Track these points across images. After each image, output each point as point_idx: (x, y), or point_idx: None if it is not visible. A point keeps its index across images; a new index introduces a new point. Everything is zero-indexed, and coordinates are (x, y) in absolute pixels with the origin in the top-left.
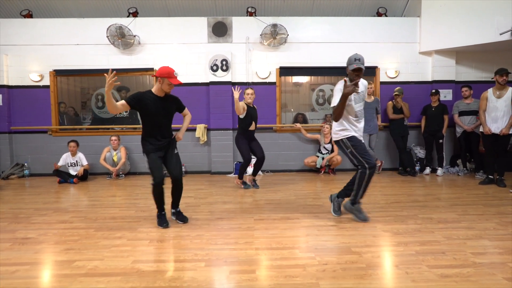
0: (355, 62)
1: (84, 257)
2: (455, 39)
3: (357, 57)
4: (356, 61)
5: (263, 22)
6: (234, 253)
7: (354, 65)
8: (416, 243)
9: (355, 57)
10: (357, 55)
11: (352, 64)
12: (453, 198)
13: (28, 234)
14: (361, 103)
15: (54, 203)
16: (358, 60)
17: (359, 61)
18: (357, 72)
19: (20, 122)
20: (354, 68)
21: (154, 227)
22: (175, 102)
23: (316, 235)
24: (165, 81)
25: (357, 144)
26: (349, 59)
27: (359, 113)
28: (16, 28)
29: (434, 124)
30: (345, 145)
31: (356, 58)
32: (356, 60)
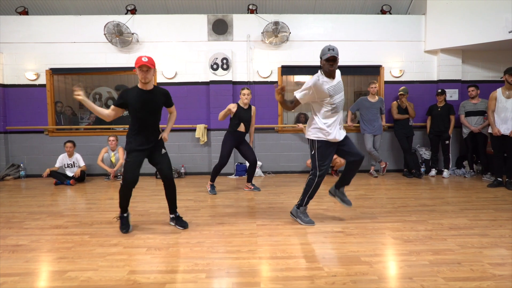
0: (329, 52)
1: (77, 267)
2: (462, 37)
3: (331, 47)
4: (330, 50)
5: (264, 19)
6: (236, 263)
7: (328, 54)
8: (428, 252)
9: (329, 47)
10: (330, 46)
11: (326, 54)
12: (462, 202)
13: (20, 241)
14: (341, 93)
15: (49, 206)
16: (332, 49)
17: (333, 50)
18: (331, 62)
19: (15, 121)
20: (327, 57)
21: (152, 233)
22: (163, 95)
23: (322, 243)
24: (137, 70)
25: (323, 151)
26: (323, 49)
27: (339, 105)
28: (11, 25)
29: (440, 125)
30: (312, 145)
31: (329, 48)
32: (330, 49)
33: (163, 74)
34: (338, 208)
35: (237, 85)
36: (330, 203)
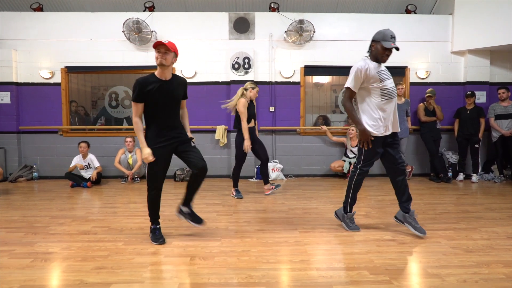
0: (392, 40)
1: (120, 278)
2: (490, 38)
3: (393, 34)
4: (392, 38)
5: (287, 18)
6: (294, 275)
7: (391, 43)
8: (498, 263)
9: (391, 33)
10: (392, 32)
11: (388, 41)
12: (505, 208)
13: (50, 248)
14: (389, 80)
15: (70, 210)
16: (394, 38)
17: (394, 39)
18: (389, 52)
19: (29, 121)
20: (390, 46)
21: (190, 240)
22: (182, 85)
23: (378, 252)
24: (155, 55)
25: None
26: (383, 33)
27: (392, 91)
28: (26, 22)
29: (470, 128)
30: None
31: (392, 35)
32: (393, 38)
33: (182, 73)
34: (377, 213)
35: (259, 85)
36: (367, 209)
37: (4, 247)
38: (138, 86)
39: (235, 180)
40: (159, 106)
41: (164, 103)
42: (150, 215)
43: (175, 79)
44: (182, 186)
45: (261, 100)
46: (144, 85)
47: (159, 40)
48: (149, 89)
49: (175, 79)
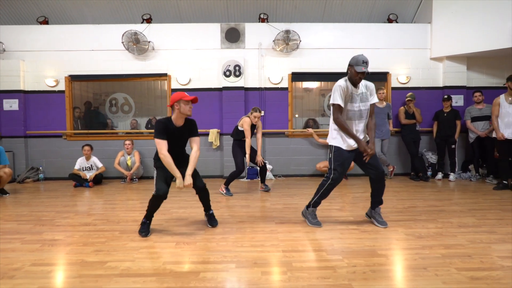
0: (363, 65)
1: (115, 258)
2: (467, 45)
3: (365, 60)
4: (363, 63)
5: (275, 28)
6: (262, 255)
7: (362, 67)
8: (440, 246)
9: (363, 59)
10: (364, 57)
11: (360, 66)
12: (469, 203)
13: (55, 236)
14: (357, 104)
15: (73, 206)
16: (365, 63)
17: (366, 64)
18: (361, 75)
19: (35, 126)
20: (361, 70)
21: (178, 230)
22: (190, 126)
23: (340, 238)
24: (181, 103)
25: (337, 156)
26: (356, 59)
27: (356, 114)
28: (33, 34)
29: (447, 130)
30: (330, 150)
31: (364, 60)
32: (364, 62)
33: (177, 80)
34: (350, 208)
35: (249, 91)
36: (342, 204)
37: (16, 235)
38: (162, 128)
39: (229, 181)
40: (170, 144)
41: (174, 144)
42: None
43: (186, 122)
44: None
45: (251, 105)
46: (166, 127)
47: (186, 95)
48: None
49: (186, 123)
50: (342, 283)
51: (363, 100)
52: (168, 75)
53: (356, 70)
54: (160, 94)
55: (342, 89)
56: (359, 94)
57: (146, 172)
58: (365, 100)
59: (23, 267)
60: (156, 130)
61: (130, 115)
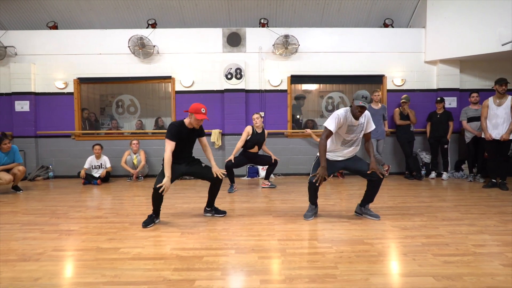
0: (362, 100)
1: (127, 245)
2: (459, 49)
3: (365, 95)
4: (363, 98)
5: (275, 33)
6: (259, 243)
7: (360, 102)
8: (422, 236)
9: (363, 94)
10: (365, 93)
11: (358, 100)
12: (457, 199)
13: (71, 227)
14: (354, 134)
15: (85, 201)
16: (365, 98)
17: (365, 99)
18: (360, 109)
19: (45, 127)
20: (359, 104)
21: (183, 223)
22: (201, 131)
23: (331, 229)
24: (193, 117)
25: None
26: (357, 94)
27: (350, 142)
28: (43, 38)
29: (440, 130)
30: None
31: (364, 95)
32: (363, 97)
33: (181, 83)
34: (344, 203)
35: (250, 93)
36: (337, 200)
37: (35, 226)
38: (175, 131)
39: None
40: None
41: (185, 143)
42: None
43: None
44: (182, 183)
45: (251, 106)
46: (179, 131)
47: (201, 112)
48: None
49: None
50: (329, 265)
51: (360, 130)
52: (172, 78)
53: (355, 104)
54: (164, 95)
55: (339, 119)
56: (358, 125)
57: (151, 170)
58: (362, 130)
59: (46, 251)
60: (168, 131)
61: (136, 116)
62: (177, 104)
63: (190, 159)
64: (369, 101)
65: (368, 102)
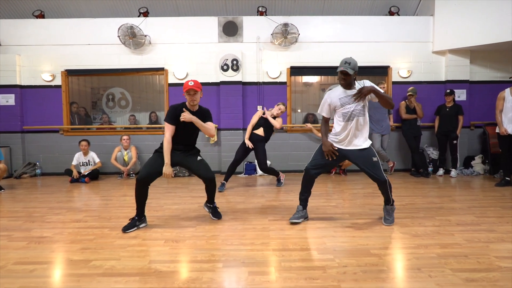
0: (344, 65)
1: (100, 256)
2: (470, 38)
3: (348, 60)
4: (346, 64)
5: (274, 21)
6: (251, 254)
7: (341, 68)
8: (436, 245)
9: (346, 60)
10: (348, 58)
11: (340, 66)
12: (469, 200)
13: (44, 233)
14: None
15: (67, 202)
16: (348, 63)
17: (348, 64)
18: (344, 76)
19: (32, 121)
20: (340, 70)
21: (168, 227)
22: (204, 113)
23: (332, 237)
24: (186, 96)
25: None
26: (341, 61)
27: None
28: (29, 28)
29: (448, 125)
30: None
31: (347, 61)
32: (346, 63)
33: (174, 75)
34: (347, 205)
35: (247, 86)
36: (339, 200)
37: (4, 232)
38: (173, 113)
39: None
40: (181, 129)
41: (186, 128)
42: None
43: (200, 110)
44: (174, 181)
45: (249, 100)
46: (175, 111)
47: (187, 84)
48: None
49: (200, 110)
50: (331, 285)
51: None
52: (165, 70)
53: (337, 70)
54: (157, 88)
55: (326, 100)
56: (348, 96)
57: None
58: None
59: (6, 265)
60: (167, 113)
61: (127, 110)
62: (170, 98)
63: (189, 148)
64: (354, 67)
65: (352, 68)
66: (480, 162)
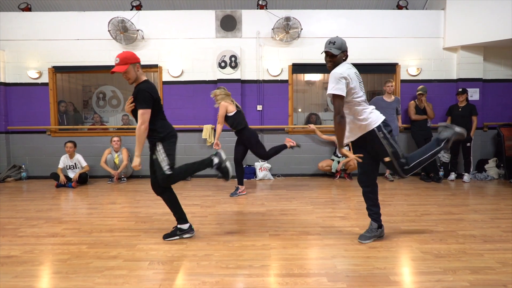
0: (328, 46)
1: (71, 284)
2: (483, 33)
3: (332, 40)
4: (330, 44)
5: (275, 15)
6: (249, 281)
7: (325, 49)
8: (466, 270)
9: (330, 39)
10: (333, 38)
11: (325, 48)
12: (490, 210)
13: (12, 251)
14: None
15: (47, 211)
16: (332, 43)
17: (333, 44)
18: (328, 57)
19: (17, 121)
20: (324, 51)
21: (155, 244)
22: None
23: (344, 257)
24: None
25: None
26: (326, 42)
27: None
28: (14, 22)
29: (461, 126)
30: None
31: (330, 41)
32: (331, 43)
33: (169, 72)
34: (356, 216)
35: (246, 84)
36: (346, 210)
37: None
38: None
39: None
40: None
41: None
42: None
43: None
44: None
45: (248, 99)
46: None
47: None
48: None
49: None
50: None
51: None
52: (159, 67)
53: (321, 53)
54: None
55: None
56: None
57: (135, 171)
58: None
59: None
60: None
61: (119, 109)
62: (164, 96)
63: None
64: (340, 46)
65: (337, 48)
66: (494, 166)
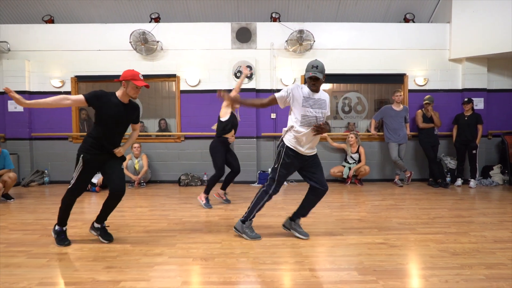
0: (312, 70)
1: (128, 277)
2: (487, 45)
3: (315, 64)
4: (313, 68)
5: (288, 28)
6: (288, 275)
7: (310, 73)
8: (481, 265)
9: (313, 63)
10: (315, 62)
11: (309, 71)
12: (498, 213)
13: (63, 249)
14: (320, 110)
15: (81, 214)
16: (315, 67)
17: (316, 68)
18: (313, 81)
19: (40, 128)
20: (309, 76)
21: (192, 243)
22: (135, 111)
23: (368, 255)
24: (129, 84)
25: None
26: (308, 64)
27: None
28: (38, 33)
29: (467, 134)
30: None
31: (313, 65)
32: (314, 67)
33: (186, 82)
34: (372, 218)
35: (261, 93)
36: (363, 213)
37: (21, 247)
38: (99, 92)
39: (210, 187)
40: (109, 121)
41: (115, 120)
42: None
43: (131, 104)
44: (187, 191)
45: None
46: (104, 94)
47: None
48: (107, 104)
49: (131, 104)
50: None
51: (323, 107)
52: (177, 76)
53: (306, 77)
54: (167, 95)
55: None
56: (318, 99)
57: (154, 176)
58: (323, 107)
59: (29, 286)
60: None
61: None
62: (182, 105)
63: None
64: (321, 70)
65: (320, 72)
66: (499, 172)
